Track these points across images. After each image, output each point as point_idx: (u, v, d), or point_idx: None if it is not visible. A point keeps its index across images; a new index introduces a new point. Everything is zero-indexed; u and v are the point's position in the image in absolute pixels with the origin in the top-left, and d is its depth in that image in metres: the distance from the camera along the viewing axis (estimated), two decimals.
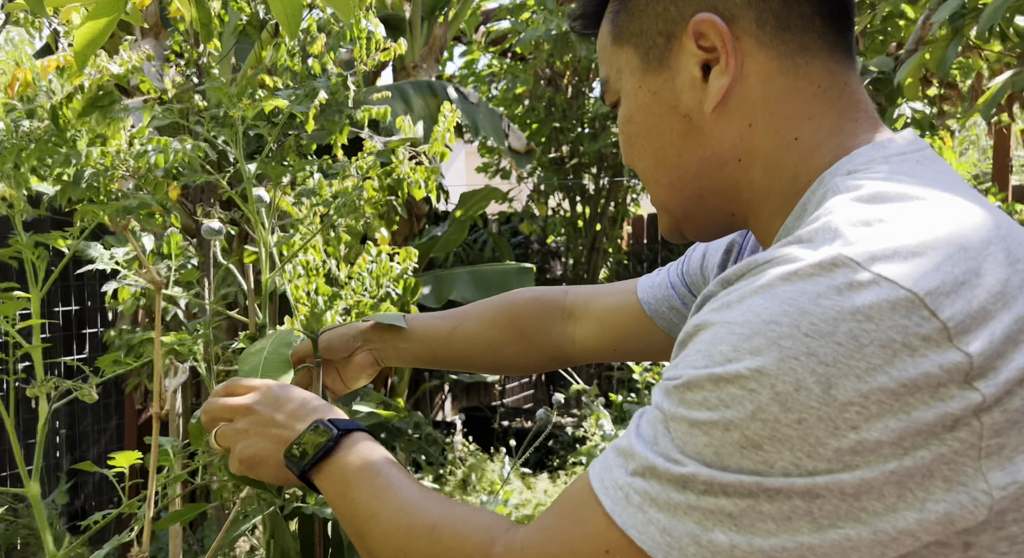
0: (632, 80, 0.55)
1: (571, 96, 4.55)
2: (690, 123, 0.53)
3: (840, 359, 0.38)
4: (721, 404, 0.40)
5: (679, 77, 0.53)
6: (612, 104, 0.59)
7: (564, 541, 0.45)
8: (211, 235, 1.17)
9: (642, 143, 0.56)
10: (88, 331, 3.29)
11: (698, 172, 0.54)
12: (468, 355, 0.87)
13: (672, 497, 0.41)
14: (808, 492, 0.38)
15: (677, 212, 0.58)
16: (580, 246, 4.85)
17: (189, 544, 2.41)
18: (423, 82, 2.84)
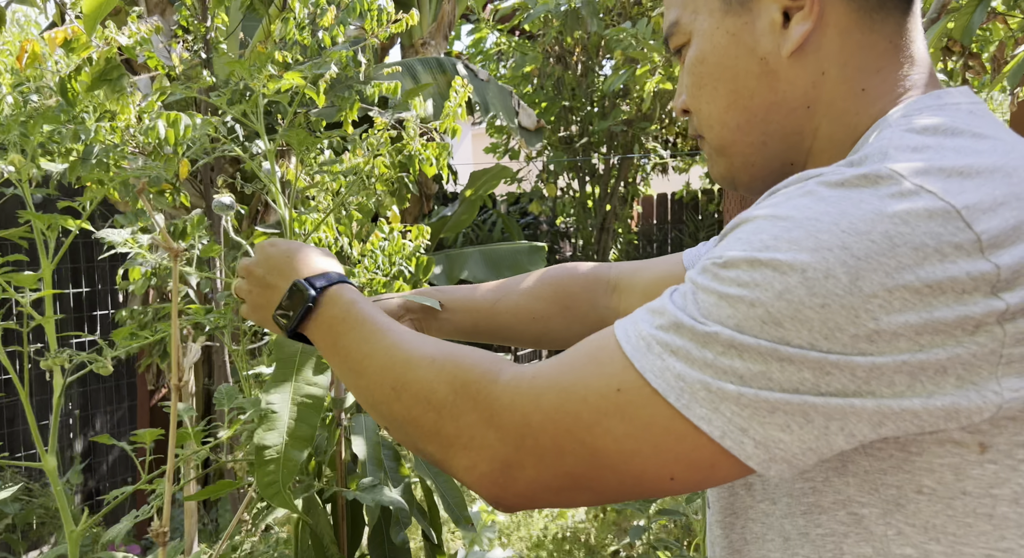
0: (710, 20, 0.56)
1: (580, 74, 4.49)
2: (766, 66, 0.54)
3: (872, 255, 0.40)
4: (752, 282, 0.42)
5: (759, 20, 0.54)
6: (677, 47, 0.59)
7: (577, 375, 0.46)
8: (222, 210, 1.15)
9: (714, 84, 0.56)
10: (99, 313, 3.30)
11: (766, 116, 0.55)
12: (511, 327, 0.87)
13: (692, 351, 0.43)
14: (819, 367, 0.40)
15: (737, 158, 0.58)
16: (590, 226, 4.81)
17: (204, 523, 2.42)
18: (432, 59, 2.80)
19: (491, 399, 0.48)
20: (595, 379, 0.45)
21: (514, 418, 0.46)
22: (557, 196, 4.89)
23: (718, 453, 0.42)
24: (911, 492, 0.44)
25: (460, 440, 0.48)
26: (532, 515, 2.25)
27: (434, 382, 0.51)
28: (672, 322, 0.44)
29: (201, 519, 2.44)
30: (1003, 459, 0.42)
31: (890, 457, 0.44)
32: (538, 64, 4.33)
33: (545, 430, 0.45)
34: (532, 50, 4.38)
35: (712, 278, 0.44)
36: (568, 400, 0.45)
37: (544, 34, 4.26)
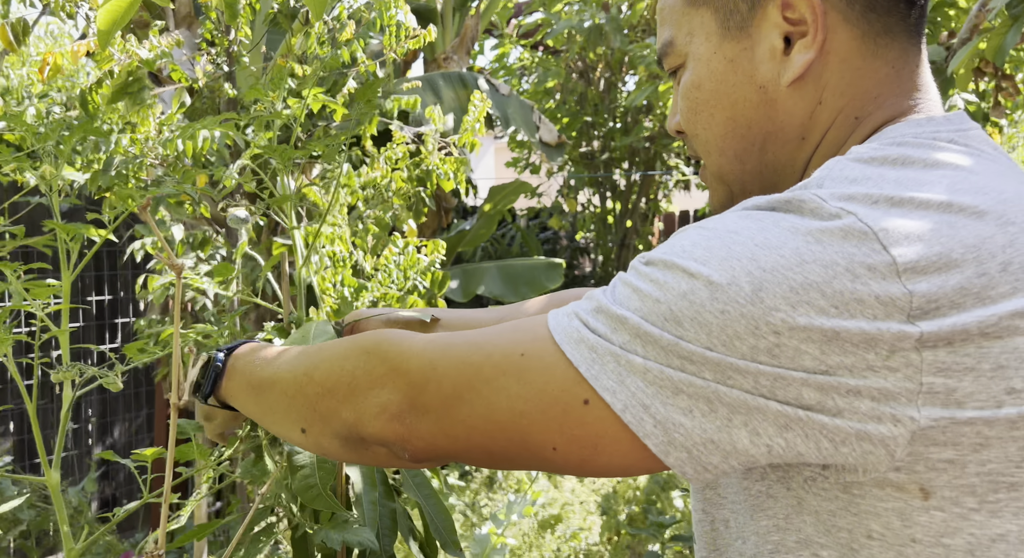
0: (707, 45, 0.54)
1: (603, 89, 4.49)
2: (765, 95, 0.52)
3: (779, 268, 0.40)
4: (661, 281, 0.43)
5: (759, 46, 0.52)
6: (672, 69, 0.57)
7: (491, 335, 0.48)
8: (237, 224, 1.15)
9: (710, 111, 0.54)
10: (120, 320, 3.34)
11: (763, 146, 0.54)
12: None
13: (606, 330, 0.43)
14: (719, 368, 0.40)
15: (735, 186, 0.56)
16: (610, 242, 4.79)
17: (215, 535, 2.42)
18: (453, 74, 2.81)
19: (402, 349, 0.49)
20: (505, 341, 0.47)
21: (422, 363, 0.48)
22: (577, 211, 4.88)
23: (611, 429, 0.42)
24: (862, 537, 0.43)
25: (372, 390, 0.49)
26: (544, 536, 2.21)
27: (347, 351, 0.52)
28: (595, 305, 0.45)
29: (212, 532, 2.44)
30: (950, 507, 0.40)
31: (836, 498, 0.43)
32: (561, 79, 4.33)
33: (448, 376, 0.47)
34: (555, 65, 4.39)
35: (633, 273, 0.45)
36: (474, 353, 0.47)
37: (567, 49, 4.27)
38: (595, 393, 0.42)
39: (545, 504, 2.33)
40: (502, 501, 2.39)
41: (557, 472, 0.47)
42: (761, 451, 0.40)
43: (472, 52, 3.37)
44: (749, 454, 0.41)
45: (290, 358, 0.57)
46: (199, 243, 1.90)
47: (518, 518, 1.64)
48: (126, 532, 2.92)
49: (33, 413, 0.73)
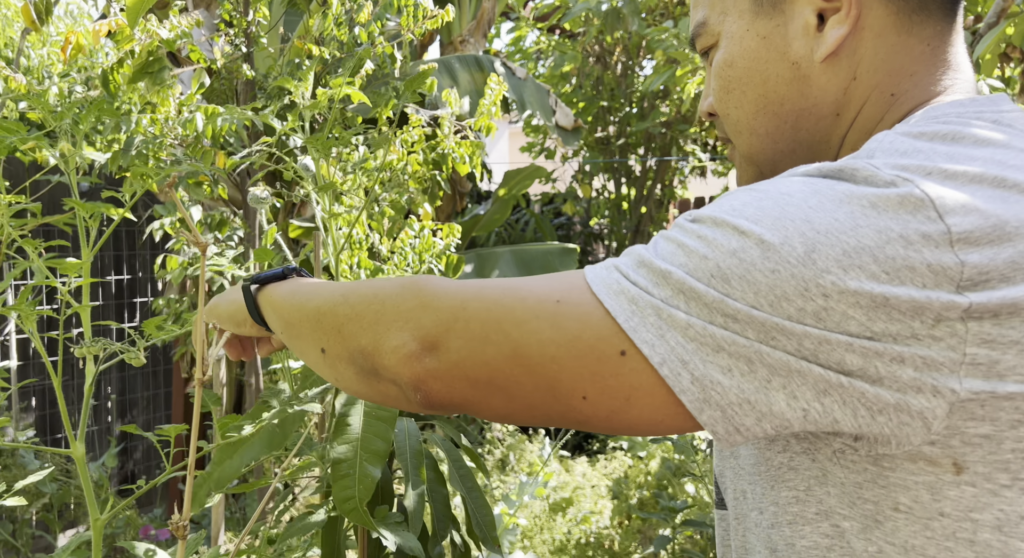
0: (740, 22, 0.54)
1: (620, 74, 4.45)
2: (798, 71, 0.52)
3: (833, 231, 0.39)
4: (710, 238, 0.42)
5: (792, 22, 0.52)
6: (705, 49, 0.57)
7: (526, 281, 0.47)
8: (257, 203, 1.16)
9: (742, 89, 0.54)
10: (139, 300, 3.38)
11: (796, 123, 0.53)
12: None
13: (648, 283, 0.43)
14: (763, 328, 0.40)
15: (766, 166, 0.56)
16: (624, 229, 4.77)
17: (232, 512, 2.46)
18: (470, 57, 2.80)
19: (434, 287, 0.48)
20: (541, 287, 0.46)
21: (452, 302, 0.47)
22: (592, 197, 4.85)
23: (646, 382, 0.42)
24: (888, 509, 0.43)
25: (396, 323, 0.48)
26: (555, 519, 2.23)
27: (385, 284, 0.51)
28: (636, 259, 0.45)
29: (228, 507, 2.48)
30: (982, 482, 0.40)
31: (864, 470, 0.43)
32: (577, 63, 4.30)
33: (477, 316, 0.46)
34: (571, 49, 4.35)
35: (678, 230, 0.45)
36: (507, 296, 0.46)
37: (584, 33, 4.23)
38: (632, 345, 0.42)
39: (556, 487, 2.35)
40: (514, 483, 2.41)
41: (581, 425, 0.46)
42: (797, 415, 0.40)
43: (488, 35, 3.34)
44: (784, 418, 0.40)
45: (339, 284, 0.57)
46: (216, 224, 1.91)
47: (530, 499, 1.66)
48: (144, 507, 2.98)
49: (58, 387, 0.75)
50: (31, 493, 2.31)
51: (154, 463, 3.43)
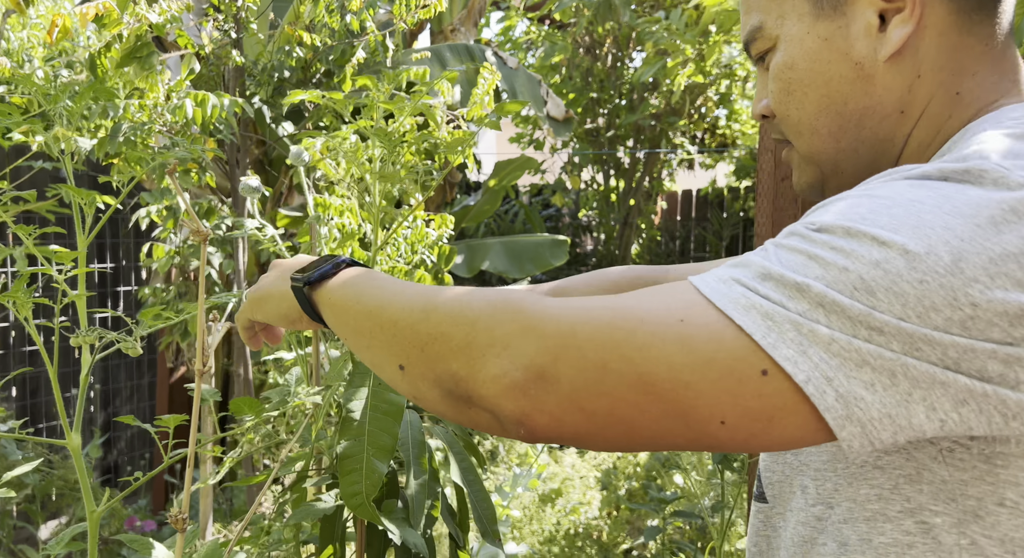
0: (799, 25, 0.55)
1: (610, 65, 4.44)
2: (861, 71, 0.53)
3: (976, 238, 0.39)
4: (847, 249, 0.40)
5: (854, 24, 0.53)
6: (760, 53, 0.58)
7: (638, 300, 0.44)
8: (249, 192, 1.14)
9: (804, 90, 0.55)
10: (122, 288, 3.33)
11: (860, 122, 0.54)
12: None
13: (781, 298, 0.41)
14: (910, 340, 0.39)
15: (827, 166, 0.57)
16: (612, 220, 4.77)
17: (219, 503, 2.44)
18: (460, 45, 2.78)
19: (535, 308, 0.44)
20: (656, 306, 0.42)
21: (559, 327, 0.42)
22: (581, 189, 4.85)
23: (790, 402, 0.39)
24: (992, 504, 0.43)
25: (493, 349, 0.43)
26: (545, 510, 2.24)
27: (471, 300, 0.46)
28: (759, 271, 0.42)
29: (216, 499, 2.46)
30: None
31: (973, 468, 0.43)
32: (567, 54, 4.28)
33: (592, 342, 0.42)
34: (562, 40, 4.33)
35: (801, 239, 0.42)
36: (624, 318, 0.42)
37: (575, 23, 4.21)
38: (774, 363, 0.39)
39: (546, 478, 2.36)
40: (504, 475, 2.41)
41: (711, 449, 0.44)
42: (934, 426, 0.39)
43: (479, 24, 3.32)
44: (921, 430, 0.40)
45: (409, 289, 0.52)
46: (204, 213, 1.89)
47: (523, 491, 1.66)
48: (129, 498, 2.95)
49: (54, 377, 0.73)
50: (13, 484, 2.28)
51: (138, 453, 3.40)
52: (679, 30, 2.79)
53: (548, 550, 2.05)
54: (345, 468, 0.69)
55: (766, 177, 1.48)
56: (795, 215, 1.45)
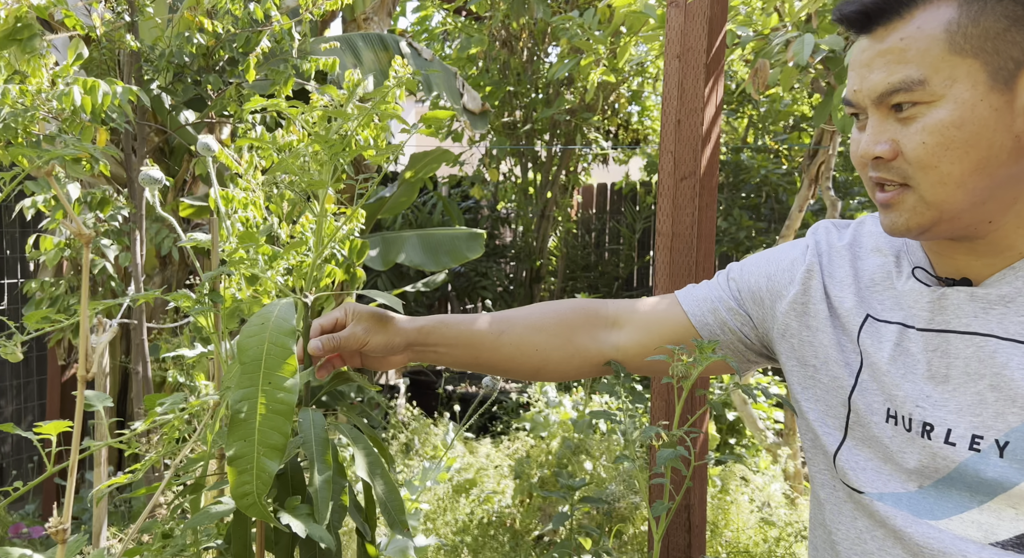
0: (973, 92, 0.61)
1: (526, 60, 4.48)
2: (1018, 143, 0.61)
3: None
4: None
5: (1018, 100, 0.60)
6: (906, 102, 0.62)
7: None
8: (149, 183, 1.10)
9: (964, 150, 0.61)
10: (7, 281, 3.11)
11: (999, 185, 0.62)
12: (514, 359, 0.89)
13: None
14: None
15: (950, 212, 0.64)
16: (530, 213, 4.83)
17: (116, 506, 2.33)
18: (374, 35, 2.74)
19: None
20: None
21: None
22: (499, 181, 4.88)
23: None
24: None
25: None
26: (459, 500, 2.27)
27: None
28: None
29: (112, 501, 2.35)
30: None
31: None
32: (484, 47, 4.29)
33: None
34: (478, 32, 4.34)
35: None
36: None
37: (491, 16, 4.22)
38: None
39: (461, 469, 2.38)
40: (418, 468, 2.42)
41: None
42: None
43: (393, 14, 3.27)
44: None
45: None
46: (98, 203, 1.79)
47: (433, 484, 1.68)
48: (15, 503, 2.77)
49: None
50: None
51: (25, 456, 3.18)
52: (591, 29, 2.85)
53: (461, 540, 2.09)
54: (235, 468, 0.68)
55: (666, 177, 1.55)
56: (692, 213, 1.53)
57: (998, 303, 0.64)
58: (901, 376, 0.68)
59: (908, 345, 0.69)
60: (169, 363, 1.93)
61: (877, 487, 0.69)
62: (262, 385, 0.70)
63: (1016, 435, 0.61)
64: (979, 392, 0.63)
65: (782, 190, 4.50)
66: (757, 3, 2.65)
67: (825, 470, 0.75)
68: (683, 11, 1.50)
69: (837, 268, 0.77)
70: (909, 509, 0.66)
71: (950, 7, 0.61)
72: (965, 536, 0.63)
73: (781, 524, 2.13)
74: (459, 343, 0.89)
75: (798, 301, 0.78)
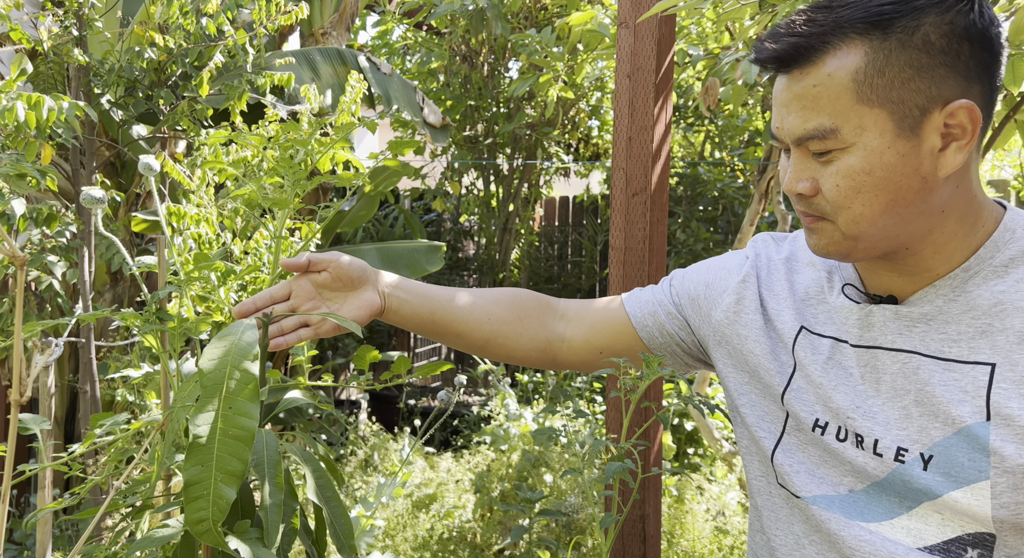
0: (880, 140, 0.64)
1: (487, 75, 4.52)
2: (925, 183, 0.65)
3: None
4: None
5: (924, 144, 0.64)
6: (822, 151, 0.66)
7: None
8: (92, 203, 1.08)
9: (875, 193, 0.65)
10: None
11: (913, 220, 0.66)
12: (466, 322, 0.91)
13: None
14: None
15: (866, 243, 0.68)
16: (493, 226, 4.85)
17: (62, 529, 2.26)
18: (332, 50, 2.73)
19: None
20: None
21: None
22: (461, 194, 4.90)
23: None
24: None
25: None
26: (419, 516, 2.25)
27: None
28: None
29: (58, 524, 2.27)
30: None
31: None
32: (444, 61, 4.32)
33: None
34: (439, 47, 4.36)
35: None
36: None
37: (451, 32, 4.25)
38: None
39: (421, 484, 2.37)
40: (375, 483, 2.40)
41: None
42: None
43: (353, 28, 3.28)
44: None
45: None
46: (44, 219, 1.75)
47: (390, 500, 1.67)
48: None
49: None
50: None
51: None
52: (549, 46, 2.90)
53: (420, 556, 2.07)
54: (191, 494, 0.67)
55: (619, 193, 1.58)
56: (644, 228, 1.57)
57: (920, 321, 0.68)
58: (833, 387, 0.71)
59: (841, 359, 0.72)
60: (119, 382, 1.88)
61: (811, 489, 0.72)
62: (222, 410, 0.69)
63: (939, 449, 0.63)
64: (905, 407, 0.66)
65: (738, 203, 4.61)
66: (708, 23, 2.73)
67: (762, 476, 0.78)
68: (632, 32, 1.55)
69: (775, 281, 0.81)
70: (842, 511, 0.69)
71: (857, 54, 0.63)
72: (895, 539, 0.65)
73: (735, 532, 2.17)
74: (419, 293, 0.91)
75: (731, 309, 0.82)
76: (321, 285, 0.88)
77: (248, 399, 0.71)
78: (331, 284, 0.88)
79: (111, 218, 2.23)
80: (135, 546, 0.80)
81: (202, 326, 1.07)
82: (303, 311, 0.88)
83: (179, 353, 1.09)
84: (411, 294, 0.90)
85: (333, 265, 0.87)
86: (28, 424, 0.68)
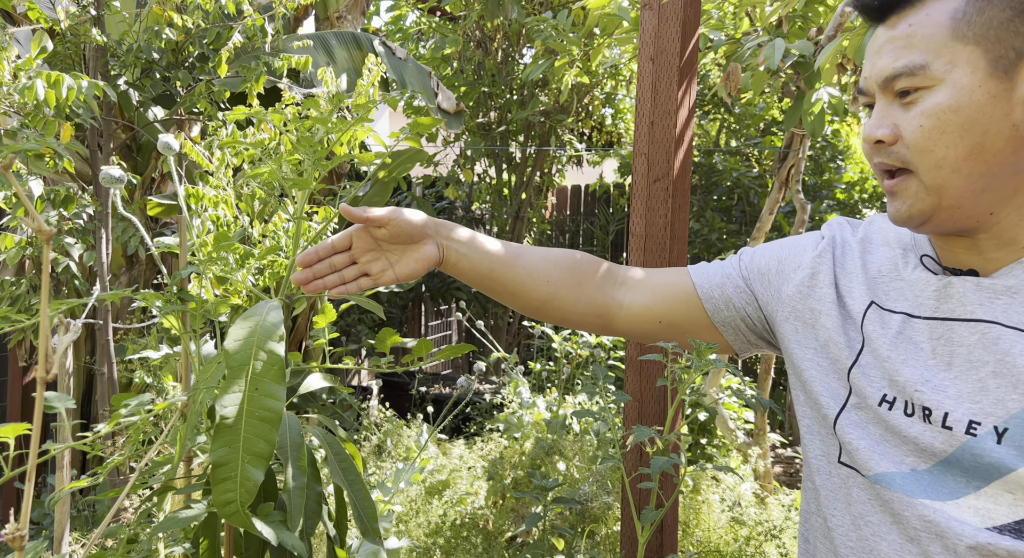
0: (971, 77, 0.62)
1: (501, 61, 4.48)
2: (1016, 132, 0.62)
3: None
4: None
5: (1016, 90, 0.61)
6: (908, 88, 0.63)
7: None
8: (111, 183, 1.07)
9: (960, 134, 0.62)
10: None
11: (999, 172, 0.63)
12: (524, 282, 0.90)
13: None
14: None
15: (949, 200, 0.64)
16: (505, 214, 4.83)
17: (79, 509, 2.28)
18: (347, 33, 2.71)
19: None
20: None
21: None
22: (474, 182, 4.88)
23: None
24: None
25: None
26: (432, 502, 2.25)
27: None
28: None
29: (76, 505, 2.29)
30: None
31: None
32: (458, 47, 4.28)
33: None
34: (453, 32, 4.33)
35: None
36: None
37: (465, 17, 4.22)
38: None
39: (434, 471, 2.37)
40: (390, 469, 2.40)
41: None
42: None
43: (367, 12, 3.25)
44: None
45: None
46: (62, 201, 1.75)
47: (406, 485, 1.67)
48: None
49: None
50: None
51: None
52: (565, 30, 2.86)
53: (433, 542, 2.07)
54: (219, 475, 0.66)
55: (640, 178, 1.56)
56: (665, 215, 1.55)
57: (1004, 293, 0.65)
58: (902, 362, 0.69)
59: (911, 333, 0.70)
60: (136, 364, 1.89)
61: (872, 467, 0.70)
62: (249, 391, 0.68)
63: (1015, 421, 0.61)
64: (981, 379, 0.64)
65: (753, 193, 4.57)
66: (729, 7, 2.69)
67: (822, 455, 0.76)
68: (657, 14, 1.52)
69: (849, 260, 0.80)
70: (904, 490, 0.67)
71: None
72: (962, 519, 0.63)
73: (751, 523, 2.16)
74: (479, 249, 0.90)
75: (805, 283, 0.80)
76: (381, 238, 0.89)
77: (274, 380, 0.70)
78: (391, 238, 0.88)
79: (127, 201, 2.23)
80: (159, 526, 0.79)
81: (221, 308, 1.07)
82: (363, 262, 0.89)
83: (199, 335, 1.09)
84: (472, 249, 0.90)
85: (393, 223, 0.87)
86: (53, 402, 0.68)
